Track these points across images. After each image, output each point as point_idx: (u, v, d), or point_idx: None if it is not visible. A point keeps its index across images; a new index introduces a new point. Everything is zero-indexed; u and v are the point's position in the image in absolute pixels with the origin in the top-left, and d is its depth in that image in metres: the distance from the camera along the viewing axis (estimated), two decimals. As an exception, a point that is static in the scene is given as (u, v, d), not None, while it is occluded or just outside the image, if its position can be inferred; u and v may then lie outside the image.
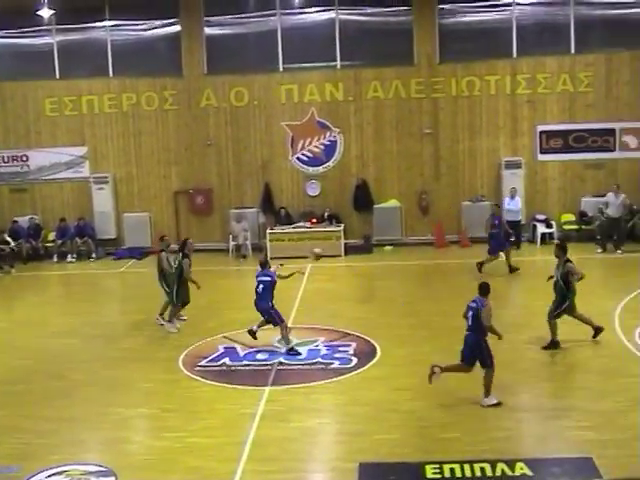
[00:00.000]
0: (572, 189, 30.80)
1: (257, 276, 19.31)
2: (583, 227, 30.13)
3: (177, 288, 21.09)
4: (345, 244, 29.66)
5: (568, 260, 18.81)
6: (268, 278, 19.12)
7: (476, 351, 15.72)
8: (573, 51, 30.36)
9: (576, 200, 30.67)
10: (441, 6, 30.10)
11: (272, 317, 19.05)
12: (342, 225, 29.98)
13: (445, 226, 30.37)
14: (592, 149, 30.57)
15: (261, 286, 19.04)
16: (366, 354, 18.74)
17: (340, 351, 19.03)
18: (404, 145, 30.58)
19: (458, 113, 30.47)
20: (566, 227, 30.34)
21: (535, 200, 30.59)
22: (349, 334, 20.16)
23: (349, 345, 19.40)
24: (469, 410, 15.49)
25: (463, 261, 28.21)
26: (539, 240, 29.93)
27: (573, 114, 30.49)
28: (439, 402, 15.84)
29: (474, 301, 15.86)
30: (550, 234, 30.11)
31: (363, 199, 30.54)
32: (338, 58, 30.44)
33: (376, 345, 19.24)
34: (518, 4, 30.14)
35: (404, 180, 30.75)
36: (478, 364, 15.69)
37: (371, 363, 18.27)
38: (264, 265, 19.46)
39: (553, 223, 30.23)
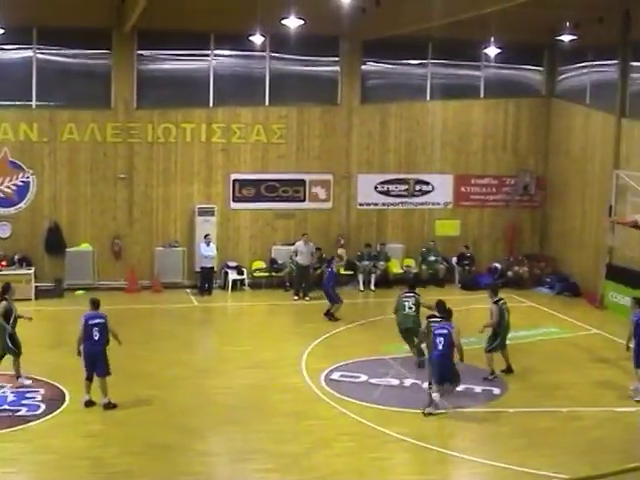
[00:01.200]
0: (263, 237, 31.56)
1: (88, 319, 18.01)
2: (273, 274, 30.93)
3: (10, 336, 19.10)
4: (36, 288, 28.92)
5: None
6: (102, 320, 17.96)
7: (445, 371, 17.85)
8: (267, 103, 31.30)
9: (267, 248, 31.47)
10: (140, 52, 30.18)
11: (106, 366, 18.08)
12: (33, 268, 29.21)
13: (138, 271, 30.27)
14: (283, 199, 31.53)
15: (96, 330, 17.82)
16: (55, 400, 18.38)
17: (28, 397, 18.56)
18: (98, 189, 30.18)
19: (153, 159, 30.49)
20: (257, 274, 31.02)
21: (227, 247, 31.07)
22: (38, 380, 19.69)
23: (37, 391, 18.95)
24: (159, 455, 15.55)
25: (155, 306, 28.31)
26: (230, 287, 30.40)
27: (265, 164, 31.32)
28: (129, 448, 15.81)
29: (443, 327, 18.05)
30: (242, 281, 30.69)
31: (55, 242, 29.90)
32: (34, 98, 29.78)
33: (65, 391, 18.89)
34: (216, 55, 30.74)
35: (97, 224, 30.34)
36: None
37: (60, 409, 17.92)
38: (97, 305, 18.32)
39: (244, 270, 30.82)
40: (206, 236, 29.64)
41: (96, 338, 17.90)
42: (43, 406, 17.97)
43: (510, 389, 19.93)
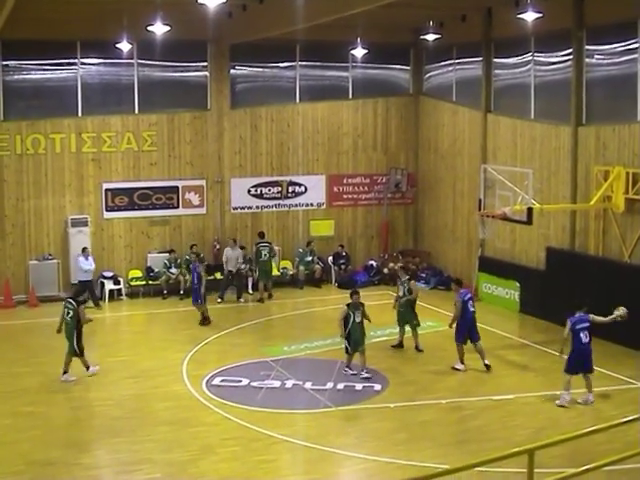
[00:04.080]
0: (138, 245, 31.28)
1: None
2: (150, 282, 30.72)
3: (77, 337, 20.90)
4: None
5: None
6: None
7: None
8: (137, 111, 31.06)
9: (143, 256, 31.23)
10: (5, 62, 29.56)
11: None
12: None
13: (12, 286, 29.67)
14: (157, 206, 31.31)
15: None
16: None
17: None
18: (-33, 203, 29.60)
19: (23, 171, 29.88)
20: (134, 283, 30.77)
21: (103, 257, 30.67)
22: None
23: None
24: (43, 472, 15.39)
25: (32, 321, 27.75)
26: (107, 297, 30.03)
27: (138, 172, 31.05)
28: (10, 467, 15.58)
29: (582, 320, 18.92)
30: (119, 290, 30.38)
31: None
32: None
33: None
34: (83, 64, 30.33)
35: (-32, 239, 29.74)
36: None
37: None
38: None
39: (121, 280, 30.51)
40: (84, 250, 29.02)
41: None
42: None
43: (391, 384, 20.27)
